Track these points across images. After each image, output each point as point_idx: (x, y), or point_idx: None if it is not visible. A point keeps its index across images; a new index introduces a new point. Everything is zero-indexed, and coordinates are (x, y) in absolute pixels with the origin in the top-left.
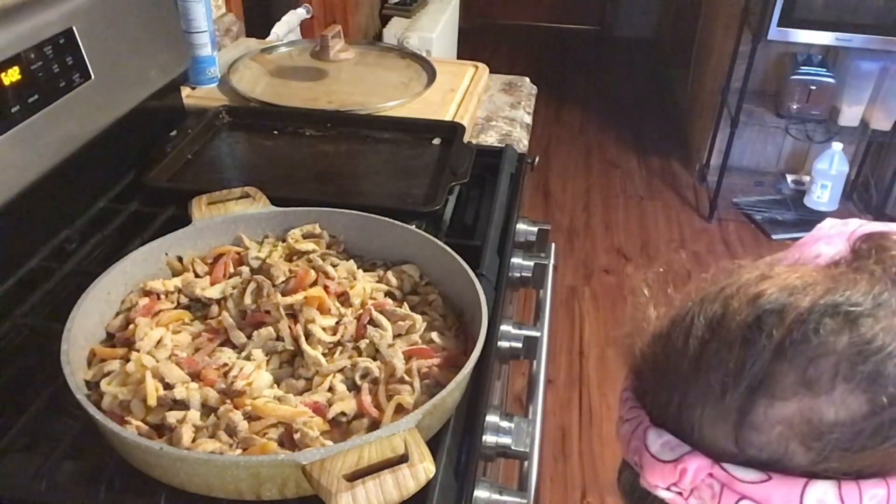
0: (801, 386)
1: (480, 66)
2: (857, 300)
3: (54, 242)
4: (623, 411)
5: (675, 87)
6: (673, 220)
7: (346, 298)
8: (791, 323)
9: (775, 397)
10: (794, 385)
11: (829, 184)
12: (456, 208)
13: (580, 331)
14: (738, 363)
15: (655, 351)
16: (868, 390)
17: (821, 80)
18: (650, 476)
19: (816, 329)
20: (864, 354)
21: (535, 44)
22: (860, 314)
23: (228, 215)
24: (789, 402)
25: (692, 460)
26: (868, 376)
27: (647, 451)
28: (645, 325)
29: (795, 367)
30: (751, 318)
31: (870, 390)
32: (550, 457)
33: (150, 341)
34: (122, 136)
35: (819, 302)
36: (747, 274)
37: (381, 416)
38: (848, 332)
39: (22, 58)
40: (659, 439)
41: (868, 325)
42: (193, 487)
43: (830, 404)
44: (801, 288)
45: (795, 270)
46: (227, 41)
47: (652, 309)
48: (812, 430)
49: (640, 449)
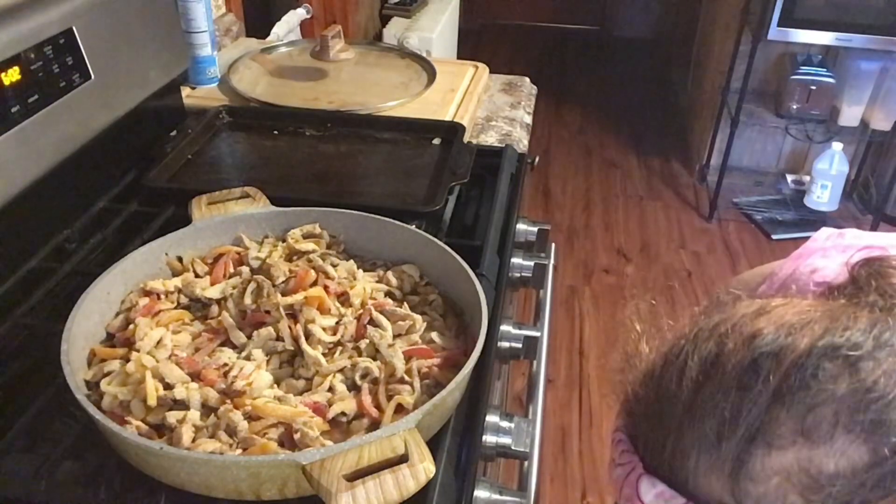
0: (799, 435)
1: (480, 66)
2: (857, 340)
3: (54, 242)
4: (616, 454)
5: (675, 87)
6: (673, 220)
7: (346, 298)
8: (788, 367)
9: (772, 446)
10: (791, 434)
11: (829, 184)
12: (456, 208)
13: (580, 331)
14: (734, 409)
15: (648, 392)
16: (869, 440)
17: (821, 80)
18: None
19: (815, 374)
20: (864, 402)
21: (535, 44)
22: (860, 357)
23: (228, 215)
24: (787, 452)
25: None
26: (869, 425)
27: (640, 501)
28: (637, 363)
29: (793, 415)
30: (747, 361)
31: (871, 440)
32: (550, 457)
33: (150, 341)
34: (122, 137)
35: (818, 344)
36: (743, 308)
37: (381, 416)
38: (848, 377)
39: (22, 58)
40: (652, 489)
41: (868, 369)
42: (193, 487)
43: (830, 455)
44: (799, 327)
45: (793, 304)
46: (227, 41)
47: (644, 344)
48: (811, 481)
49: (633, 498)
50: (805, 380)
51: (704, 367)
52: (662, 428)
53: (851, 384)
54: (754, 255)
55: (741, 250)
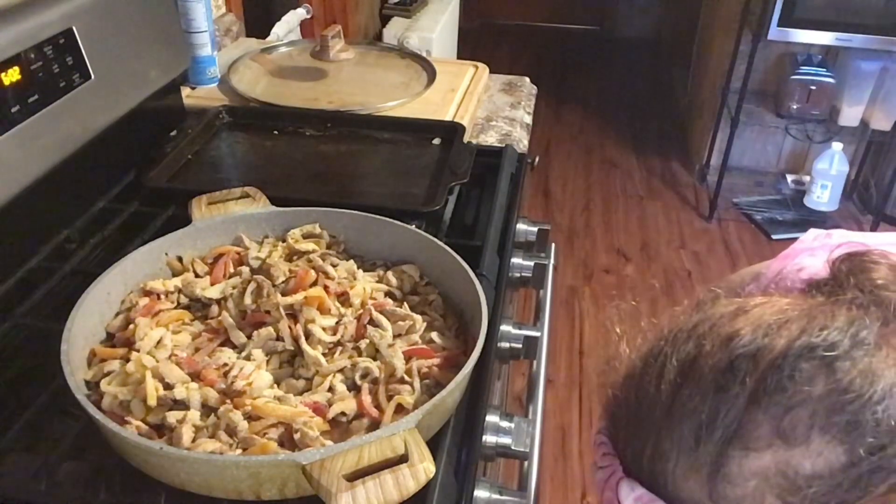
0: (776, 437)
1: (480, 66)
2: (834, 340)
3: (54, 242)
4: (597, 457)
5: (675, 87)
6: (673, 220)
7: (346, 298)
8: (765, 369)
9: (749, 448)
10: (769, 436)
11: (829, 184)
12: (456, 208)
13: (580, 331)
14: (712, 412)
15: (628, 394)
16: (845, 441)
17: (821, 80)
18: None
19: (791, 376)
20: (840, 403)
21: (535, 44)
22: (836, 357)
23: (228, 215)
24: (764, 454)
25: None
26: (845, 426)
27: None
28: (617, 365)
29: (770, 418)
30: (724, 363)
31: (847, 441)
32: (550, 457)
33: (150, 341)
34: (122, 136)
35: (794, 344)
36: (722, 308)
37: (381, 416)
38: (824, 378)
39: (22, 58)
40: (632, 493)
41: (845, 369)
42: (193, 487)
43: (807, 456)
44: (776, 327)
45: (772, 303)
46: (227, 41)
47: (624, 346)
48: (788, 483)
49: (613, 501)
50: (782, 381)
51: (683, 369)
52: (642, 431)
53: (827, 385)
54: (754, 255)
55: (741, 250)
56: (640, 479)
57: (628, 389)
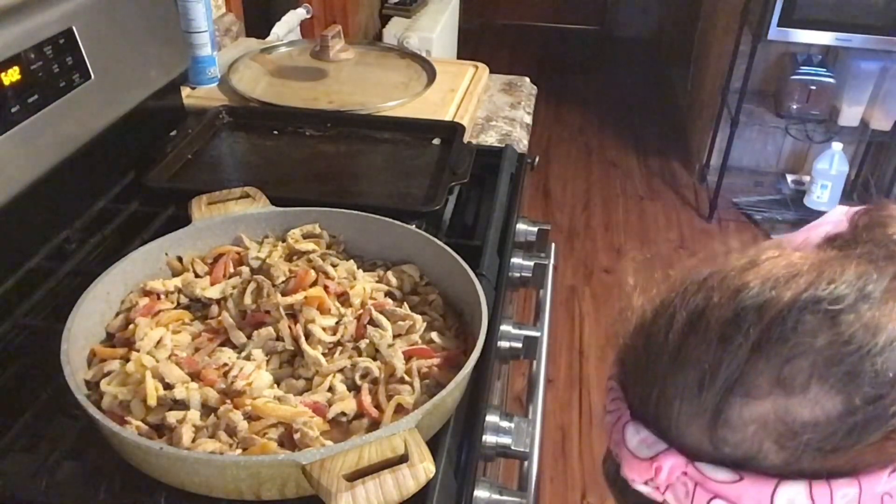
0: (776, 385)
1: (480, 66)
2: (841, 293)
3: (54, 242)
4: (607, 401)
5: (675, 87)
6: (673, 220)
7: (346, 298)
8: (770, 320)
9: (750, 396)
10: (769, 385)
11: (829, 184)
12: (456, 208)
13: (580, 331)
14: (715, 361)
15: (637, 343)
16: (843, 391)
17: (821, 80)
18: (628, 471)
19: (794, 327)
20: (840, 354)
21: (535, 44)
22: (841, 310)
23: (228, 215)
24: (764, 402)
25: (667, 458)
26: (843, 377)
27: (626, 446)
28: (629, 314)
29: (771, 367)
30: (729, 314)
31: (845, 391)
32: (550, 457)
33: (150, 341)
34: (122, 136)
35: (800, 297)
36: (734, 261)
37: (381, 416)
38: (827, 330)
39: (22, 58)
40: (637, 435)
41: (848, 321)
42: (193, 487)
43: (805, 405)
44: (784, 280)
45: (784, 257)
46: (227, 41)
47: (637, 297)
48: (786, 430)
49: (620, 443)
50: (785, 333)
51: (691, 320)
52: (649, 377)
53: (830, 337)
54: None
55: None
56: (645, 423)
57: (638, 338)
